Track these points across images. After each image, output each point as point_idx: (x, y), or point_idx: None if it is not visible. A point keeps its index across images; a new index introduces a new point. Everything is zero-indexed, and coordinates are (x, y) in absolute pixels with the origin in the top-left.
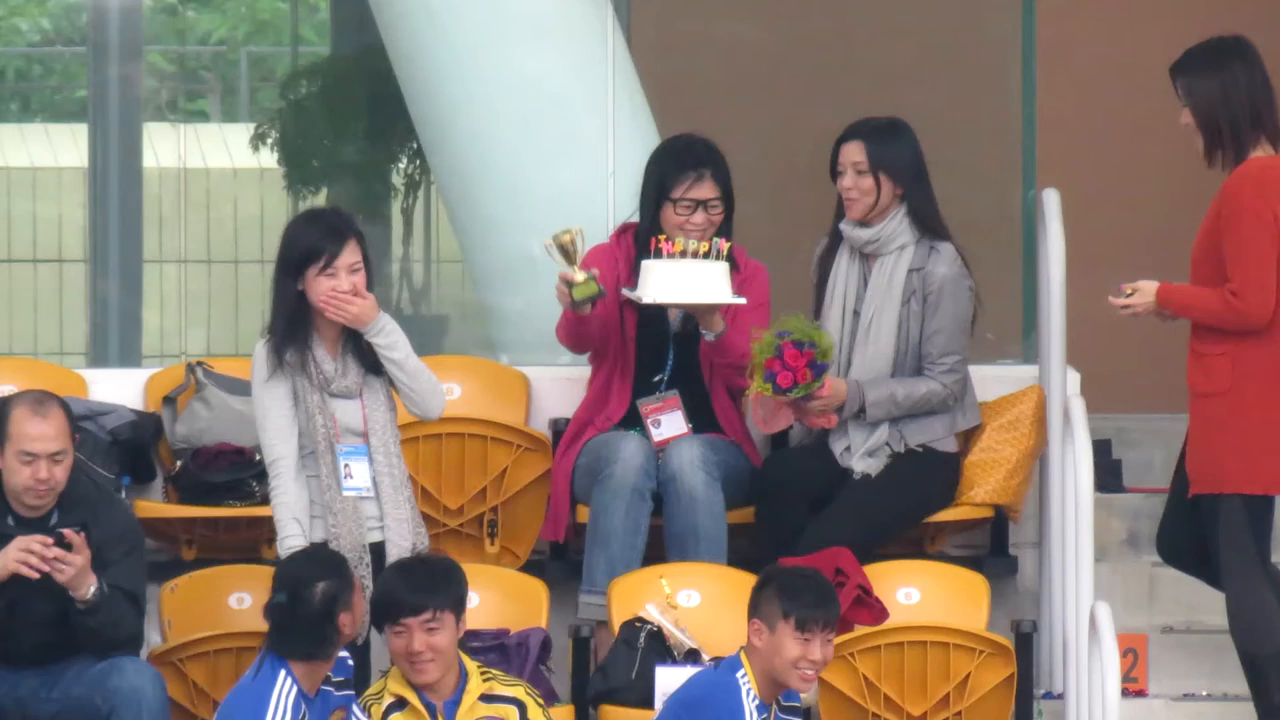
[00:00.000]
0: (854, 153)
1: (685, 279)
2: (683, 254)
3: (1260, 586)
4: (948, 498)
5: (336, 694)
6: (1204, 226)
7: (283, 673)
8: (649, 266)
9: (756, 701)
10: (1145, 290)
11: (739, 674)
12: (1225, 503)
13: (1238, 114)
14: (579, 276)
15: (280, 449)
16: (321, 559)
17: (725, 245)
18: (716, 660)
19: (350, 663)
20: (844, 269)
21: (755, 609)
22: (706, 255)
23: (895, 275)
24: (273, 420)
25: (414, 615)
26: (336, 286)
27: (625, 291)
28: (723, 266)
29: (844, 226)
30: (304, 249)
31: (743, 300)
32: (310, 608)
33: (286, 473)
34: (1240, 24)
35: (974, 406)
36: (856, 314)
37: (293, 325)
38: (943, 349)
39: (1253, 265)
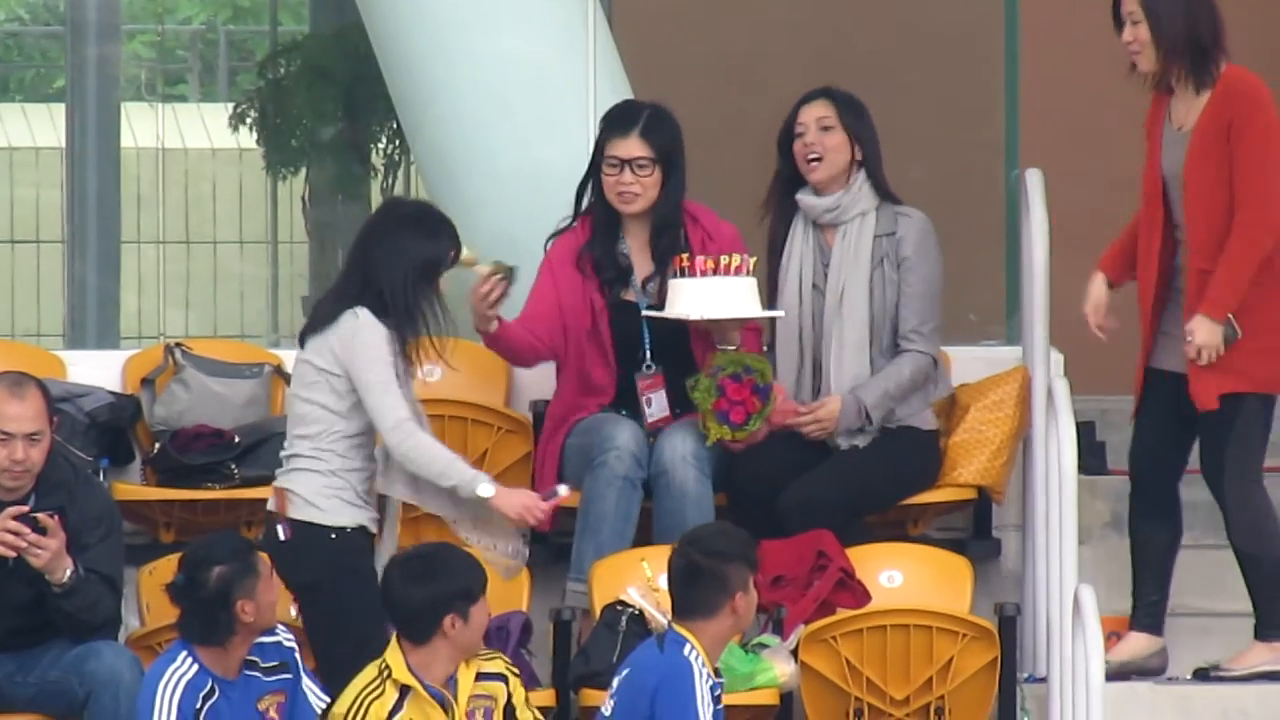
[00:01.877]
0: (819, 109)
1: (716, 296)
2: (714, 270)
3: (1263, 490)
4: (932, 473)
5: (266, 679)
6: (1201, 147)
7: (182, 654)
8: (677, 285)
9: (710, 682)
10: (1200, 330)
11: (687, 651)
12: (1249, 403)
13: (1203, 32)
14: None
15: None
16: (226, 543)
17: (753, 261)
18: (660, 639)
19: (289, 643)
20: (799, 244)
21: (729, 583)
22: (735, 270)
23: (861, 242)
24: (393, 387)
25: None
26: None
27: (648, 312)
28: (751, 282)
29: (802, 197)
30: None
31: (780, 313)
32: (205, 590)
33: (420, 427)
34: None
35: (943, 376)
36: (816, 288)
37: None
38: (921, 315)
39: (1271, 176)
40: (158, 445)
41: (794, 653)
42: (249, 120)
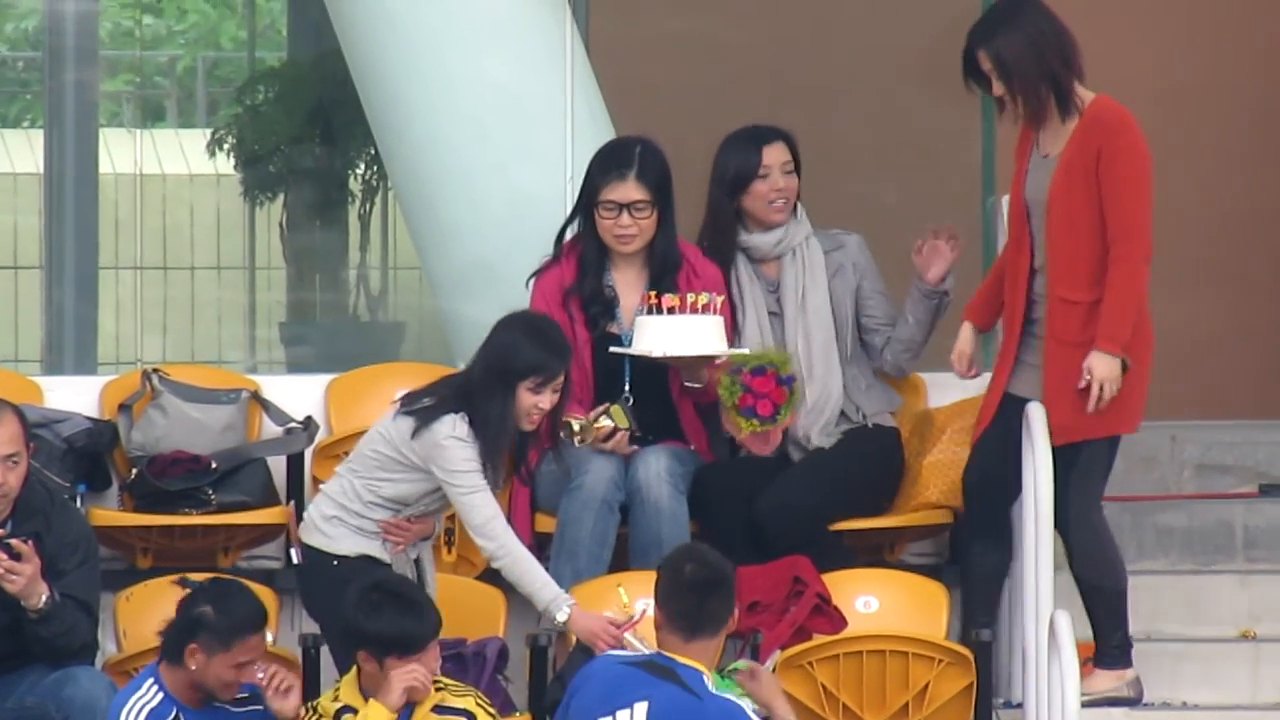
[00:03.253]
0: (782, 153)
1: (681, 334)
2: (675, 309)
3: (1104, 520)
4: (898, 468)
5: (236, 710)
6: (1066, 175)
7: (149, 682)
8: (643, 322)
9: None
10: (1098, 366)
11: (714, 686)
12: (1092, 446)
13: (1054, 64)
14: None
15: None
16: (238, 606)
17: (720, 299)
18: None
19: (261, 675)
20: (746, 284)
21: (734, 594)
22: (705, 309)
23: (812, 258)
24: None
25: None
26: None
27: (616, 349)
28: (718, 320)
29: (747, 238)
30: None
31: (744, 350)
32: (187, 611)
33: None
34: (1178, 28)
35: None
36: (772, 314)
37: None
38: (887, 311)
39: (1146, 205)
40: (135, 471)
41: None
42: (227, 146)
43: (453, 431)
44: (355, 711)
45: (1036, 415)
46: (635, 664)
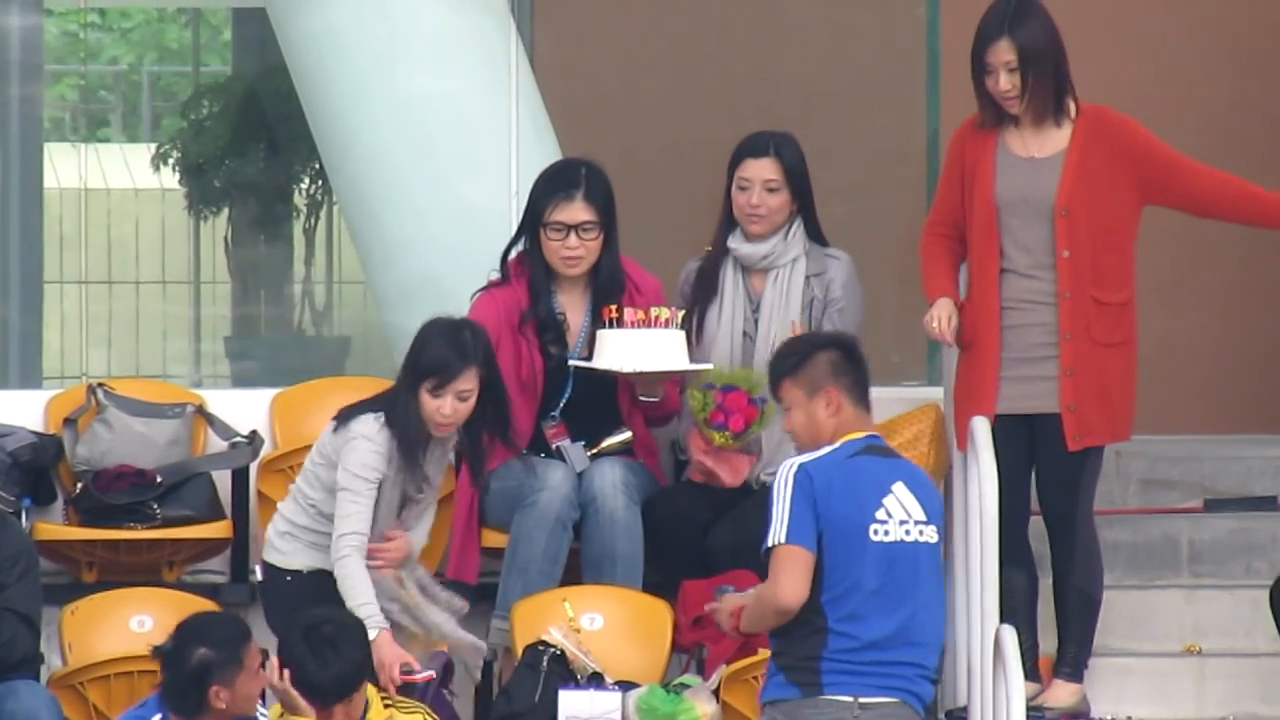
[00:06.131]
0: (767, 170)
1: (645, 349)
2: (639, 324)
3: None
4: None
5: None
6: (1082, 177)
7: (158, 716)
8: (605, 336)
9: None
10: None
11: None
12: (1097, 454)
13: (1062, 62)
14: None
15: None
16: (221, 628)
17: (680, 314)
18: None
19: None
20: (729, 291)
21: None
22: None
23: (791, 288)
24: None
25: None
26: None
27: (577, 362)
28: (680, 335)
29: (735, 246)
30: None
31: (708, 366)
32: (185, 666)
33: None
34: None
35: None
36: (746, 335)
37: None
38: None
39: None
40: (80, 485)
41: (716, 692)
42: (171, 160)
43: (364, 430)
44: None
45: (981, 428)
46: (861, 452)
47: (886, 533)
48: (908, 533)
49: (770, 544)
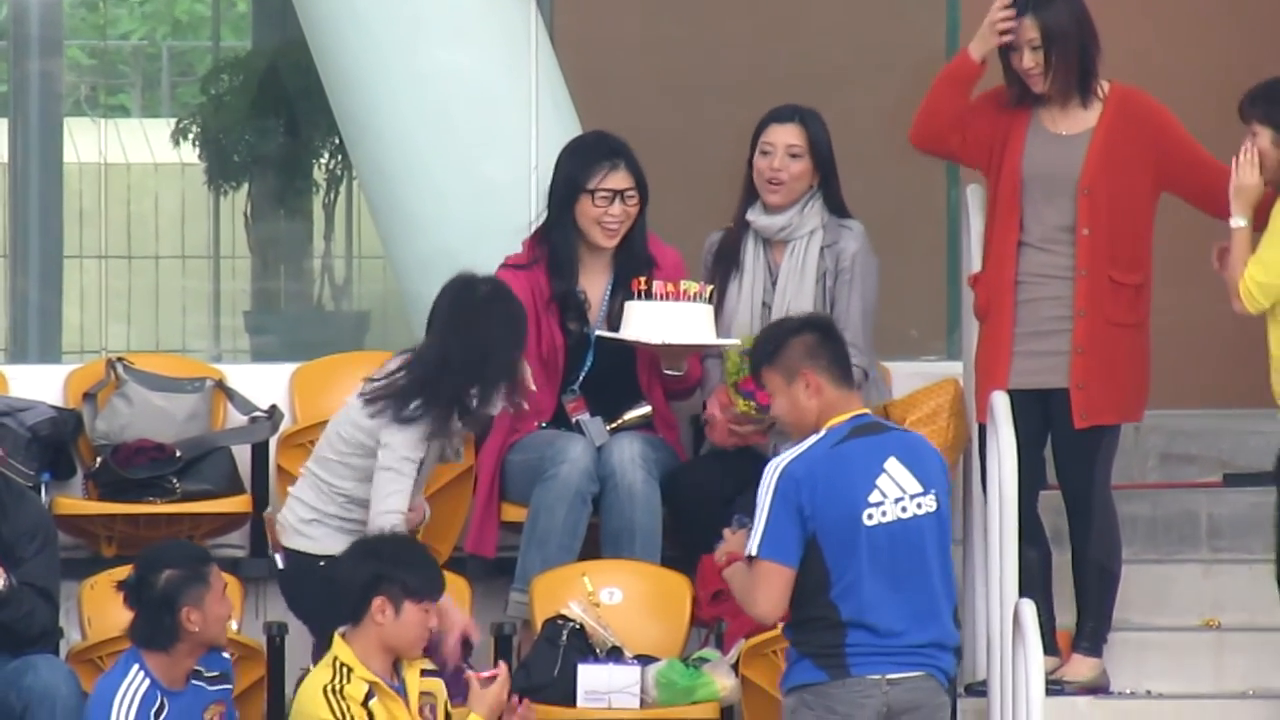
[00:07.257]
0: (791, 135)
1: (676, 321)
2: (668, 296)
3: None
4: None
5: (211, 689)
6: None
7: (135, 667)
8: (634, 308)
9: None
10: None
11: None
12: (1113, 430)
13: (1089, 41)
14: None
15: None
16: (179, 550)
17: (708, 289)
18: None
19: (226, 655)
20: (750, 261)
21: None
22: (695, 297)
23: (808, 260)
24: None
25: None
26: None
27: (603, 332)
28: (708, 309)
29: (753, 216)
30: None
31: (735, 341)
32: (153, 593)
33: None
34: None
35: (885, 388)
36: (766, 306)
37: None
38: (857, 329)
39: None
40: (99, 459)
41: (735, 666)
42: (191, 135)
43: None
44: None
45: (1000, 403)
46: (848, 437)
47: (884, 514)
48: (904, 509)
49: (750, 552)
